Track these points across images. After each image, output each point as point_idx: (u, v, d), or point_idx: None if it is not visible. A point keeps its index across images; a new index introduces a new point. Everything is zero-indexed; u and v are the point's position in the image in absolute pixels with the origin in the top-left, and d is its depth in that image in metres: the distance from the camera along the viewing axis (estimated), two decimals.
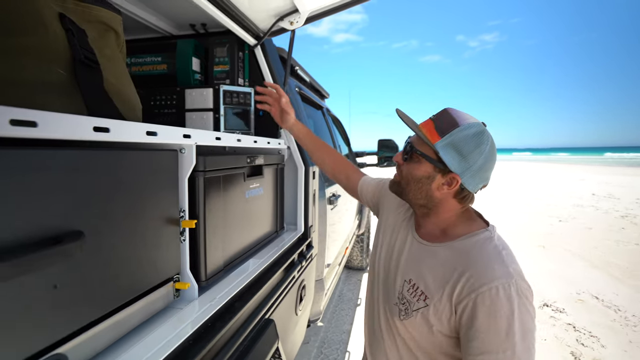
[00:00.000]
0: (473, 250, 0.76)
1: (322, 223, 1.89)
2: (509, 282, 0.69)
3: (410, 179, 0.85)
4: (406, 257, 0.89)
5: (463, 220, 0.85)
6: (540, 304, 3.32)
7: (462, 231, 0.82)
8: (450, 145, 0.76)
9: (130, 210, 0.65)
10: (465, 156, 0.76)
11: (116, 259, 0.62)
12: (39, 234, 0.47)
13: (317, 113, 2.68)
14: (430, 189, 0.82)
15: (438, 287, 0.77)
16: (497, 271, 0.70)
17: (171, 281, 0.79)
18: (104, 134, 0.55)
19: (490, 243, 0.77)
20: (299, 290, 1.45)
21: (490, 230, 0.81)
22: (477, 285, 0.70)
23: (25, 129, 0.43)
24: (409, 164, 0.85)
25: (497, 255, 0.74)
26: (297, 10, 1.35)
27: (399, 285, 0.88)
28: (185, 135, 0.77)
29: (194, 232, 0.85)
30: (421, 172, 0.82)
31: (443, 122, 0.79)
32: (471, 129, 0.76)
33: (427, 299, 0.79)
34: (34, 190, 0.46)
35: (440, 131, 0.77)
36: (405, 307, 0.84)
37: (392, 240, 0.98)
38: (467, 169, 0.76)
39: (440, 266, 0.79)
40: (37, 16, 0.57)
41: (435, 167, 0.80)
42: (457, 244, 0.80)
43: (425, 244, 0.86)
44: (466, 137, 0.75)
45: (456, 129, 0.76)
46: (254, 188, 1.16)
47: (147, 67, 1.48)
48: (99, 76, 0.67)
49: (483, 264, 0.73)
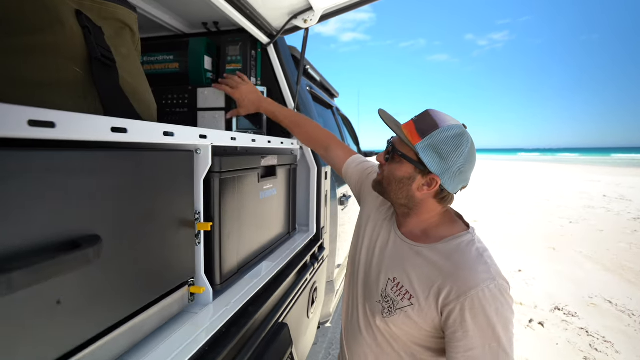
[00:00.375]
0: (457, 253, 0.78)
1: (333, 224, 1.86)
2: (493, 283, 0.72)
3: (392, 179, 0.86)
4: (389, 255, 0.91)
5: (445, 222, 0.87)
6: (552, 308, 3.27)
7: (444, 233, 0.84)
8: (430, 146, 0.77)
9: (146, 213, 0.63)
10: (445, 157, 0.77)
11: (133, 263, 0.60)
12: (57, 238, 0.46)
13: (327, 112, 2.65)
14: (410, 189, 0.83)
15: (423, 288, 0.79)
16: (482, 274, 0.73)
17: (186, 285, 0.77)
18: (121, 135, 0.53)
19: (473, 246, 0.79)
20: (311, 292, 1.43)
21: (471, 233, 0.83)
22: (464, 290, 0.73)
23: (43, 130, 0.41)
24: (391, 165, 0.87)
25: (479, 258, 0.76)
26: (311, 8, 1.33)
27: (382, 283, 0.89)
28: (201, 135, 0.75)
29: (208, 234, 0.84)
30: (402, 172, 0.84)
31: (423, 124, 0.80)
32: (451, 130, 0.77)
33: (412, 298, 0.80)
34: (51, 193, 0.44)
35: (421, 132, 0.79)
36: (388, 305, 0.85)
37: (373, 237, 0.98)
38: (447, 170, 0.78)
39: (425, 267, 0.81)
40: (54, 13, 0.55)
41: (416, 168, 0.81)
42: (440, 247, 0.81)
43: (409, 243, 0.87)
44: (446, 138, 0.77)
45: (436, 130, 0.77)
46: (267, 189, 1.14)
47: (159, 66, 1.47)
48: (115, 75, 0.65)
49: (468, 268, 0.75)
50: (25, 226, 0.42)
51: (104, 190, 0.53)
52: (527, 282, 3.87)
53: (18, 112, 0.38)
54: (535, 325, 2.96)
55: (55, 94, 0.56)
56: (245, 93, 1.28)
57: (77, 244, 0.47)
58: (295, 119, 1.32)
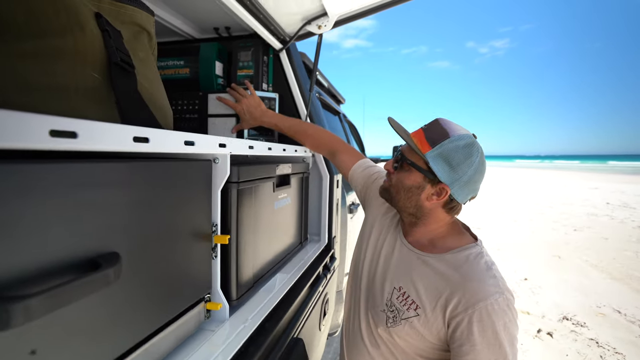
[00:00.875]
0: (465, 265, 0.77)
1: (343, 232, 1.83)
2: (501, 297, 0.72)
3: (400, 188, 0.85)
4: (395, 263, 0.89)
5: (452, 232, 0.86)
6: (560, 317, 3.21)
7: (452, 244, 0.83)
8: (440, 155, 0.76)
9: (163, 227, 0.59)
10: (455, 167, 0.76)
11: (150, 281, 0.56)
12: (75, 257, 0.42)
13: (335, 119, 2.62)
14: (419, 198, 0.82)
15: (430, 299, 0.78)
16: (491, 287, 0.73)
17: (202, 301, 0.74)
18: (143, 145, 0.50)
19: (482, 259, 0.78)
20: (323, 304, 1.38)
21: (479, 245, 0.82)
22: (473, 302, 0.72)
23: (65, 141, 0.37)
24: (400, 173, 0.86)
25: (488, 271, 0.76)
26: (325, 14, 1.31)
27: (387, 291, 0.87)
28: (221, 144, 0.72)
29: (225, 247, 0.80)
30: (411, 181, 0.83)
31: (434, 133, 0.79)
32: (461, 140, 0.77)
33: (418, 308, 0.79)
34: (71, 208, 0.41)
35: (431, 141, 0.78)
36: (393, 315, 0.83)
37: (378, 244, 0.96)
38: (457, 180, 0.77)
39: (432, 277, 0.80)
40: (73, 15, 0.52)
41: (425, 177, 0.80)
42: (448, 257, 0.80)
43: (416, 252, 0.85)
44: (456, 148, 0.76)
45: (447, 139, 0.77)
46: (282, 198, 1.10)
47: (169, 71, 1.44)
48: (133, 80, 0.62)
49: (477, 280, 0.74)
50: (44, 245, 0.38)
51: (123, 204, 0.49)
52: (534, 291, 3.82)
53: (39, 122, 0.35)
54: (543, 336, 2.90)
55: (72, 100, 0.53)
56: (247, 107, 1.25)
57: (97, 263, 0.44)
58: (300, 127, 1.29)
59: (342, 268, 1.88)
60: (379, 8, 1.32)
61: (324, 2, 1.21)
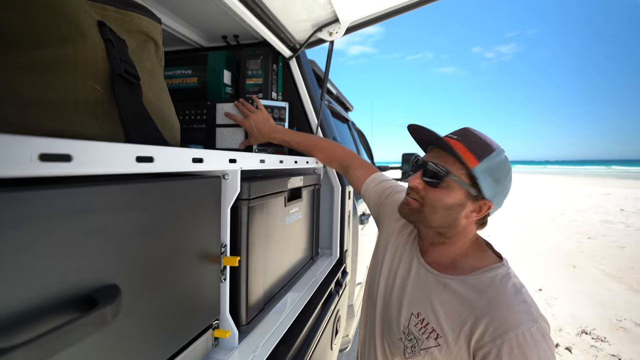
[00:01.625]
0: (491, 289, 0.70)
1: (354, 243, 1.77)
2: (535, 325, 0.64)
3: (439, 207, 0.76)
4: (412, 286, 0.81)
5: (474, 250, 0.79)
6: (578, 331, 3.09)
7: (475, 264, 0.76)
8: (487, 170, 0.71)
9: (169, 251, 0.54)
10: (499, 182, 0.73)
11: (154, 312, 0.51)
12: (68, 295, 0.37)
13: (344, 127, 2.57)
14: (459, 217, 0.76)
15: (453, 327, 0.71)
16: (522, 314, 0.65)
17: (210, 329, 0.68)
18: (147, 165, 0.45)
19: (509, 280, 0.71)
20: (335, 322, 1.32)
21: (505, 265, 0.75)
22: (502, 331, 0.64)
23: (57, 165, 0.33)
24: (436, 190, 0.75)
25: (518, 295, 0.69)
26: (337, 20, 1.26)
27: (404, 318, 0.79)
28: (231, 159, 0.67)
29: (234, 269, 0.75)
30: (452, 199, 0.74)
31: (475, 145, 0.73)
32: (502, 153, 0.74)
33: (439, 337, 0.72)
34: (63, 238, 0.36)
35: (477, 155, 0.72)
36: (412, 345, 0.76)
37: (393, 264, 0.89)
38: (498, 195, 0.74)
39: (454, 303, 0.73)
40: (74, 24, 0.48)
41: (468, 194, 0.74)
42: (471, 280, 0.73)
43: (435, 273, 0.78)
44: (501, 162, 0.73)
45: (493, 153, 0.72)
46: (293, 213, 1.05)
47: (176, 80, 1.40)
48: (139, 93, 0.58)
49: (506, 306, 0.67)
50: (31, 283, 0.33)
51: (124, 229, 0.44)
52: (549, 303, 3.69)
53: (28, 145, 0.30)
54: (562, 351, 2.79)
55: (72, 115, 0.49)
56: (255, 123, 1.19)
57: (93, 300, 0.39)
58: (311, 141, 1.24)
59: (354, 281, 1.81)
60: (391, 14, 1.28)
61: (335, 9, 1.17)
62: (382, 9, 1.25)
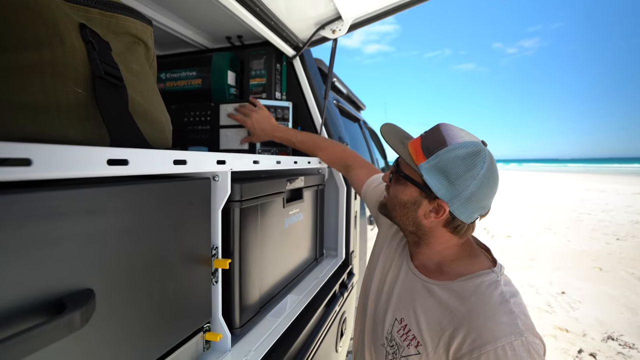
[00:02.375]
0: (474, 297, 0.65)
1: (362, 245, 1.74)
2: (518, 339, 0.58)
3: (396, 203, 0.76)
4: (399, 290, 0.78)
5: (463, 255, 0.74)
6: (604, 337, 2.95)
7: (462, 270, 0.71)
8: (435, 167, 0.66)
9: (154, 253, 0.54)
10: (453, 181, 0.65)
11: (137, 315, 0.51)
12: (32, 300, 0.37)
13: (354, 126, 2.54)
14: (416, 215, 0.73)
15: (433, 336, 0.67)
16: (504, 326, 0.59)
17: (201, 332, 0.68)
18: (121, 168, 0.44)
19: (496, 289, 0.65)
20: (340, 324, 1.30)
21: (496, 272, 0.68)
22: (480, 343, 0.59)
23: (14, 170, 0.32)
24: (395, 186, 0.77)
25: (503, 305, 0.62)
26: (340, 18, 1.24)
27: (388, 323, 0.76)
28: (219, 161, 0.66)
29: (227, 272, 0.74)
30: (406, 196, 0.73)
31: (430, 141, 0.69)
32: (462, 149, 0.65)
33: (419, 345, 0.68)
34: (25, 244, 0.36)
35: (426, 151, 0.68)
36: (393, 351, 0.73)
37: (385, 268, 0.86)
38: (456, 196, 0.66)
39: (436, 310, 0.69)
40: (52, 27, 0.48)
41: (421, 192, 0.70)
42: (456, 286, 0.69)
43: (421, 278, 0.74)
44: (454, 158, 0.65)
45: (443, 149, 0.66)
46: (293, 214, 1.03)
47: (181, 82, 1.42)
48: (123, 95, 0.57)
49: (487, 315, 0.62)
50: None
51: (98, 233, 0.44)
52: (572, 306, 3.54)
53: None
54: (586, 357, 2.67)
55: (52, 118, 0.49)
56: (257, 121, 1.19)
57: (62, 305, 0.38)
58: (313, 141, 1.23)
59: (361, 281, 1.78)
60: (395, 10, 1.24)
61: (337, 6, 1.15)
62: (386, 4, 1.21)
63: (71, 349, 0.41)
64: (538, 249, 5.61)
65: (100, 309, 0.44)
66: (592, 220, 8.09)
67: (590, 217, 8.42)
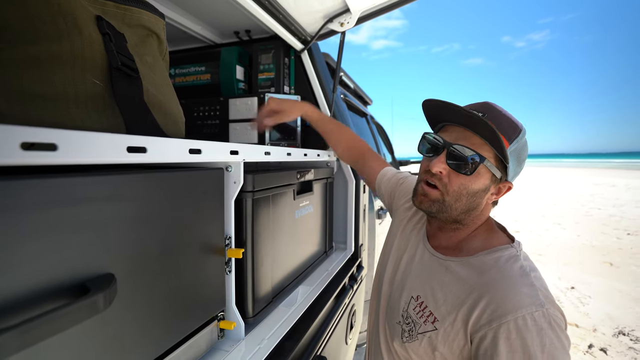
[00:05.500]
0: (494, 269, 0.64)
1: (371, 238, 1.74)
2: (539, 310, 0.56)
3: (464, 194, 0.68)
4: (415, 270, 0.78)
5: (483, 232, 0.73)
6: (615, 332, 2.92)
7: (481, 245, 0.70)
8: (516, 152, 0.67)
9: (170, 242, 0.55)
10: (521, 162, 0.70)
11: (155, 302, 0.52)
12: (59, 283, 0.38)
13: (362, 121, 2.54)
14: (482, 201, 0.70)
15: (450, 310, 0.66)
16: (525, 297, 0.58)
17: (215, 320, 0.69)
18: (140, 155, 0.45)
19: (516, 262, 0.64)
20: (349, 317, 1.31)
21: (515, 247, 0.67)
22: (500, 313, 0.58)
23: (41, 154, 0.33)
24: (463, 176, 0.67)
25: (524, 278, 0.61)
26: (348, 10, 1.24)
27: (404, 301, 0.75)
28: (232, 151, 0.67)
29: (240, 261, 0.75)
30: (479, 184, 0.68)
31: (505, 125, 0.66)
32: (525, 133, 0.69)
33: (436, 321, 0.67)
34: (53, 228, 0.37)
35: (508, 136, 0.66)
36: (409, 328, 0.72)
37: (400, 250, 0.86)
38: (517, 174, 0.71)
39: (454, 285, 0.68)
40: (70, 19, 0.49)
41: (493, 177, 0.68)
42: (474, 260, 0.68)
43: (438, 257, 0.74)
44: (525, 142, 0.69)
45: (520, 133, 0.67)
46: (303, 206, 1.04)
47: (190, 78, 1.43)
48: (138, 86, 0.58)
49: (507, 286, 0.60)
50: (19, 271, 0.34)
51: (119, 219, 0.45)
52: (582, 301, 3.51)
53: (9, 133, 0.31)
54: (596, 352, 2.64)
55: (70, 108, 0.50)
56: (281, 104, 1.14)
57: (85, 288, 0.39)
58: (335, 126, 1.22)
59: (371, 276, 1.79)
60: (403, 2, 1.24)
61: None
62: None
63: (92, 332, 0.42)
64: (547, 244, 5.56)
65: (121, 294, 0.45)
66: (603, 215, 7.99)
67: (601, 212, 8.31)
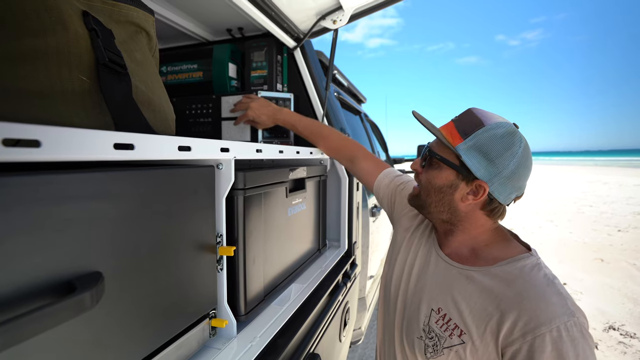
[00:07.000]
0: (520, 279, 0.64)
1: (364, 236, 1.75)
2: (571, 320, 0.57)
3: (430, 189, 0.74)
4: (431, 280, 0.76)
5: (497, 240, 0.74)
6: (605, 327, 2.96)
7: (499, 254, 0.70)
8: (474, 147, 0.66)
9: (160, 240, 0.54)
10: (493, 160, 0.65)
11: (144, 300, 0.51)
12: (44, 281, 0.37)
13: (355, 119, 2.54)
14: (453, 199, 0.72)
15: (478, 322, 0.65)
16: (556, 307, 0.59)
17: (207, 318, 0.68)
18: (127, 152, 0.45)
19: (539, 271, 0.65)
20: (343, 314, 1.31)
21: (535, 255, 0.68)
22: (533, 326, 0.58)
23: (24, 151, 0.33)
24: (428, 172, 0.75)
25: (551, 287, 0.62)
26: (340, 8, 1.24)
27: (424, 315, 0.74)
28: (223, 148, 0.66)
29: (232, 259, 0.75)
30: (442, 180, 0.72)
31: (465, 123, 0.70)
32: (499, 128, 0.66)
33: (462, 334, 0.66)
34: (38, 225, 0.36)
35: (463, 132, 0.68)
36: (433, 343, 0.71)
37: (409, 259, 0.84)
38: (496, 175, 0.66)
39: (478, 296, 0.67)
40: (56, 14, 0.48)
41: (458, 174, 0.70)
42: (497, 270, 0.67)
43: (456, 266, 0.73)
44: (493, 137, 0.66)
45: (481, 129, 0.67)
46: (296, 204, 1.04)
47: (182, 75, 1.42)
48: (127, 83, 0.58)
49: (537, 297, 0.61)
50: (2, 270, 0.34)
51: (107, 217, 0.44)
52: (574, 297, 3.55)
53: None
54: None
55: (57, 106, 0.49)
56: (257, 109, 1.18)
57: (72, 286, 0.39)
58: (317, 129, 1.20)
59: (365, 274, 1.79)
60: None
61: None
62: None
63: (78, 331, 0.41)
64: (540, 241, 5.61)
65: (109, 292, 0.45)
66: (594, 212, 8.09)
67: (592, 209, 8.41)
